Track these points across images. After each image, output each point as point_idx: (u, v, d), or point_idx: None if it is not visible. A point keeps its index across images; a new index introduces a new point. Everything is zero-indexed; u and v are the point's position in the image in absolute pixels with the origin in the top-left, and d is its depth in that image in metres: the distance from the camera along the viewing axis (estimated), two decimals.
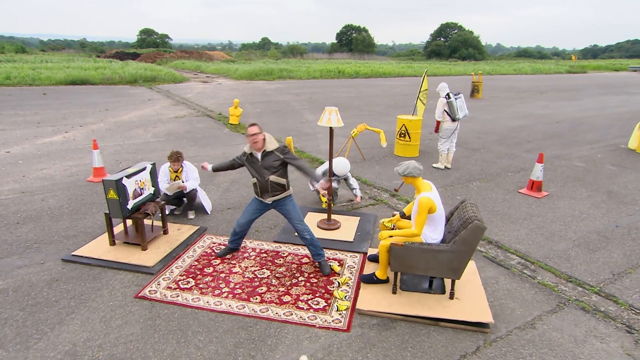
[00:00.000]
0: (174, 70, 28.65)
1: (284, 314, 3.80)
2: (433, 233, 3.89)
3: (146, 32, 76.39)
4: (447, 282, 4.23)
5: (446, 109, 7.90)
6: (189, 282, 4.25)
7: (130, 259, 4.60)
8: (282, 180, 4.32)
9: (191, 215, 5.79)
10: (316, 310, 3.87)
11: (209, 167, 4.79)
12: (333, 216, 5.75)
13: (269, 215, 5.89)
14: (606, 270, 4.68)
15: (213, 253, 4.84)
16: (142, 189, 4.88)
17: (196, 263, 4.61)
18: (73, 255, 4.69)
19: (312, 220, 5.67)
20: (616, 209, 6.44)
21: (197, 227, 5.44)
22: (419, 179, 3.89)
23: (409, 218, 4.34)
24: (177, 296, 4.01)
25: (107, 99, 17.27)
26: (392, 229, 4.17)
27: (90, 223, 5.59)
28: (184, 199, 5.92)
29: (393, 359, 3.31)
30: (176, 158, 5.53)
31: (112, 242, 4.87)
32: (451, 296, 3.95)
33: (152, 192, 5.09)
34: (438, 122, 8.26)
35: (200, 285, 4.19)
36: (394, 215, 4.50)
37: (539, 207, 6.46)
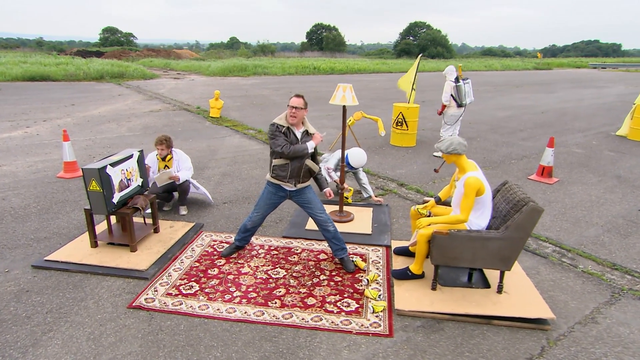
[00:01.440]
0: (143, 67, 27.24)
1: (311, 319, 3.21)
2: (479, 219, 3.40)
3: (109, 31, 73.20)
4: (489, 274, 3.76)
5: (453, 93, 7.50)
6: (192, 286, 3.59)
7: (118, 262, 3.88)
8: (315, 167, 3.80)
9: (183, 211, 5.09)
10: (348, 313, 3.30)
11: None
12: (331, 207, 5.18)
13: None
14: None
15: (215, 252, 4.18)
16: (129, 179, 4.16)
17: (197, 264, 3.95)
18: (46, 260, 3.92)
19: None
20: (631, 193, 6.19)
21: (192, 224, 4.75)
22: (463, 157, 3.40)
23: (445, 204, 3.84)
24: (180, 304, 3.35)
25: (72, 94, 16.03)
26: (428, 217, 3.66)
27: (64, 223, 4.80)
28: (174, 192, 5.22)
29: None
30: (163, 141, 4.82)
31: (94, 244, 4.12)
32: (499, 290, 3.47)
33: (140, 184, 4.37)
34: (444, 106, 7.86)
35: (207, 290, 3.54)
36: (423, 202, 3.99)
37: (554, 193, 6.12)
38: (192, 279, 3.69)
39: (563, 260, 4.21)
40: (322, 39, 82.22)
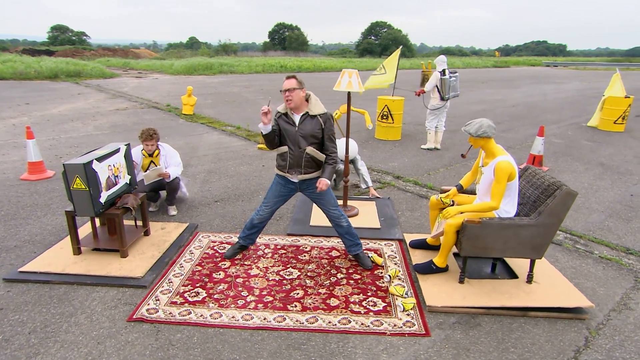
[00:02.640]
0: (101, 66, 25.78)
1: (339, 322, 2.92)
2: (508, 205, 3.22)
3: (59, 29, 69.20)
4: (512, 263, 3.60)
5: (438, 85, 7.40)
6: (198, 293, 3.20)
7: (108, 270, 3.42)
8: (320, 156, 3.39)
9: (173, 211, 4.64)
10: (377, 313, 3.03)
11: (267, 126, 3.28)
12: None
13: None
14: None
15: (217, 254, 3.79)
16: (117, 176, 3.69)
17: (199, 268, 3.55)
18: (21, 272, 3.40)
19: None
20: (619, 180, 6.30)
21: (185, 225, 4.32)
22: (492, 140, 3.20)
23: (467, 192, 3.65)
24: (189, 313, 2.96)
25: (24, 93, 14.82)
26: (451, 206, 3.45)
27: (36, 229, 4.24)
28: (160, 192, 4.76)
29: None
30: (149, 135, 4.35)
31: (77, 250, 3.63)
32: (529, 280, 3.31)
33: (128, 182, 3.90)
34: (422, 91, 7.78)
35: (216, 296, 3.16)
36: (442, 192, 3.78)
37: None
38: (197, 285, 3.30)
39: (577, 247, 4.13)
40: (285, 39, 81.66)
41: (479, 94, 17.77)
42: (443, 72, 7.35)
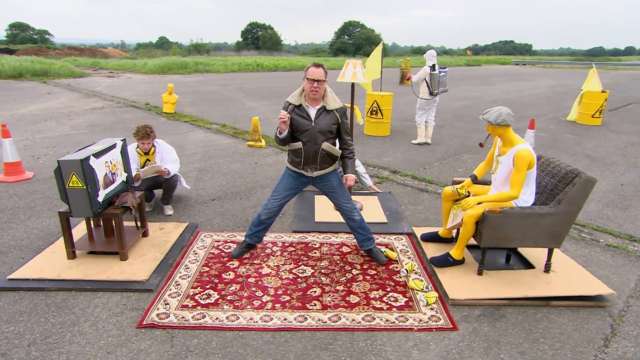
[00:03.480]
0: (70, 65, 24.72)
1: (362, 319, 2.80)
2: (526, 194, 3.18)
3: (18, 27, 66.07)
4: (526, 253, 3.57)
5: (427, 80, 7.38)
6: (209, 295, 3.01)
7: (109, 274, 3.18)
8: (336, 151, 3.27)
9: (169, 211, 4.41)
10: (399, 308, 2.92)
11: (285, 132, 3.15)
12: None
13: None
14: None
15: (223, 254, 3.60)
16: (114, 174, 3.45)
17: (206, 269, 3.35)
18: (10, 279, 3.12)
19: (325, 202, 4.66)
20: (607, 170, 6.45)
21: (185, 224, 4.10)
22: (510, 129, 3.16)
23: (481, 183, 3.60)
24: (203, 316, 2.77)
25: None
26: (467, 197, 3.38)
27: (20, 233, 3.93)
28: (154, 190, 4.52)
29: (533, 356, 2.52)
30: (145, 133, 4.12)
31: (72, 254, 3.37)
32: (547, 269, 3.29)
33: (125, 180, 3.66)
34: (409, 78, 7.73)
35: (229, 297, 2.98)
36: (454, 183, 3.72)
37: None
38: (207, 286, 3.11)
39: (583, 236, 4.16)
40: (258, 38, 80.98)
41: (458, 90, 18.02)
42: (433, 67, 7.34)
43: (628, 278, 3.41)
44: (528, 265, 3.43)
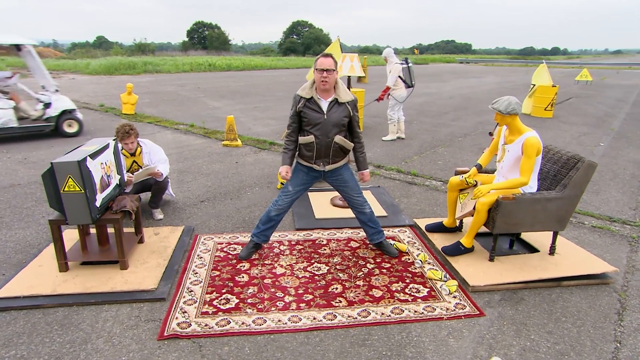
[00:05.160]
0: None
1: (391, 312, 2.77)
2: (532, 181, 3.29)
3: None
4: (528, 238, 3.71)
5: (401, 75, 7.50)
6: (228, 299, 2.85)
7: (112, 285, 2.92)
8: (349, 144, 3.22)
9: (159, 214, 4.14)
10: (424, 299, 2.92)
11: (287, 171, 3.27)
12: (333, 192, 4.75)
13: (262, 202, 4.62)
14: (624, 206, 4.77)
15: (230, 256, 3.43)
16: (109, 176, 3.17)
17: (217, 273, 3.17)
18: None
19: (322, 199, 4.59)
20: None
21: (181, 228, 3.87)
22: (518, 117, 3.25)
23: (484, 172, 3.68)
24: (228, 322, 2.61)
25: None
26: (476, 186, 3.45)
27: None
28: (140, 194, 4.22)
29: (560, 335, 2.61)
30: (125, 132, 3.78)
31: (65, 267, 3.06)
32: (551, 252, 3.43)
33: (118, 182, 3.38)
34: (387, 89, 7.80)
35: (249, 301, 2.84)
36: (457, 172, 3.79)
37: None
38: (223, 291, 2.94)
39: (570, 219, 4.39)
40: (205, 38, 78.88)
41: (416, 88, 18.47)
42: (406, 62, 7.47)
43: (619, 256, 3.64)
44: (532, 249, 3.56)
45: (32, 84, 8.35)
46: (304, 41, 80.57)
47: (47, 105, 7.45)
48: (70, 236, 3.61)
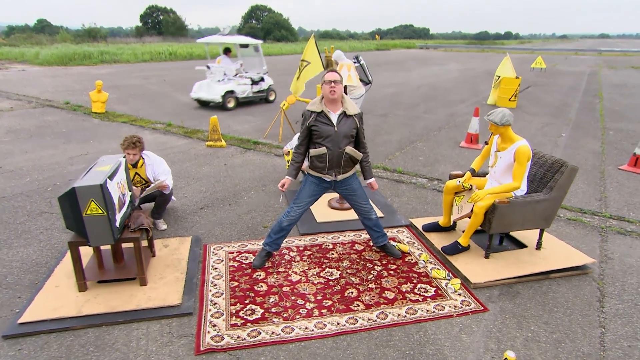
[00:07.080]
0: None
1: (406, 312, 3.02)
2: (522, 184, 3.62)
3: None
4: (516, 234, 4.06)
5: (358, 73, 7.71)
6: (253, 310, 3.00)
7: (137, 303, 2.99)
8: (358, 154, 3.42)
9: (162, 225, 4.18)
10: (432, 298, 3.20)
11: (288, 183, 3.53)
12: (330, 195, 4.94)
13: (261, 207, 4.74)
14: (591, 198, 5.26)
15: (243, 265, 3.56)
16: (124, 194, 3.20)
17: (235, 283, 3.30)
18: (22, 324, 2.78)
19: (319, 203, 4.77)
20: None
21: (189, 238, 3.94)
22: (510, 128, 3.54)
23: (479, 175, 3.98)
24: (258, 333, 2.77)
25: None
26: (471, 189, 3.74)
27: (0, 269, 3.47)
28: (140, 205, 4.23)
29: (555, 325, 2.96)
30: (131, 142, 3.82)
31: (84, 286, 3.09)
32: (538, 247, 3.80)
33: (130, 199, 3.40)
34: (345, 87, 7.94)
35: (273, 310, 3.00)
36: (452, 176, 4.07)
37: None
38: (246, 301, 3.08)
39: None
40: (160, 23, 75.67)
41: (381, 77, 18.87)
42: (357, 60, 7.68)
43: (593, 246, 4.07)
44: (520, 245, 3.92)
45: None
46: (264, 26, 79.01)
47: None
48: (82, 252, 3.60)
